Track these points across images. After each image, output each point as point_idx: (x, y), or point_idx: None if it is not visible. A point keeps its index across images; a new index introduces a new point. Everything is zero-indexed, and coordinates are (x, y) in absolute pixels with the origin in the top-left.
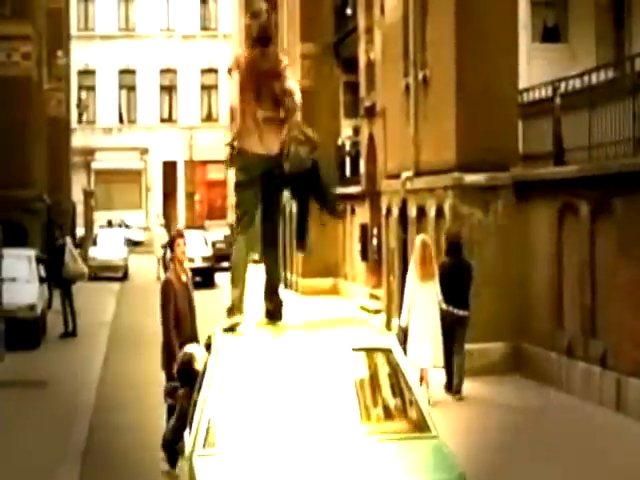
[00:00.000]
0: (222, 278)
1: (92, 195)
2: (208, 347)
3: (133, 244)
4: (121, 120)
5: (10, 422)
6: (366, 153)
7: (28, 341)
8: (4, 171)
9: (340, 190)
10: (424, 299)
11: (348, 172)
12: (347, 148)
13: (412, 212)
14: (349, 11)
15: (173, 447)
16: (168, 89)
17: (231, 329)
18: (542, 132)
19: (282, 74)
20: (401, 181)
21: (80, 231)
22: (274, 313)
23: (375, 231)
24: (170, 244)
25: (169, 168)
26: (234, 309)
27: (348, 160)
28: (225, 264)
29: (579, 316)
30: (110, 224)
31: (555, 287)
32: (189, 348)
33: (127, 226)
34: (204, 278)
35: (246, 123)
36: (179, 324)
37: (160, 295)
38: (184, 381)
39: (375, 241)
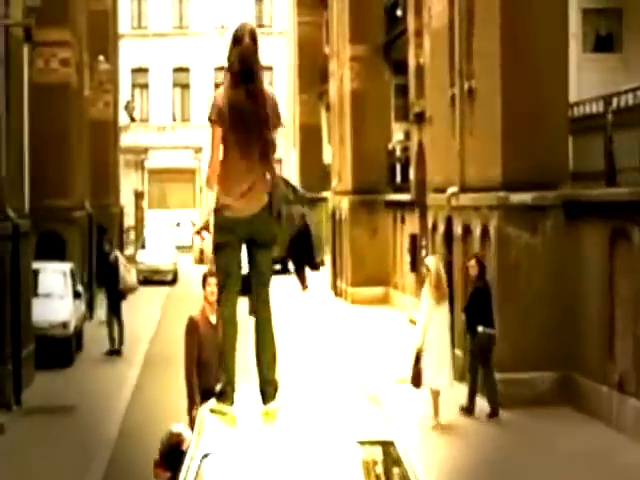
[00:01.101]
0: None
1: (142, 196)
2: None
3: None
4: (174, 118)
5: (30, 450)
6: (416, 161)
7: (60, 360)
8: (42, 180)
9: (390, 197)
10: (440, 321)
11: (398, 178)
12: (397, 153)
13: (458, 230)
14: (399, 12)
15: None
16: None
17: (219, 412)
18: (593, 149)
19: (273, 120)
20: (446, 196)
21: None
22: (268, 396)
23: (424, 242)
24: (202, 282)
25: None
26: (225, 395)
27: (398, 166)
28: (277, 267)
29: (632, 349)
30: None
31: (606, 316)
32: (176, 427)
33: (178, 225)
34: (248, 285)
35: (227, 179)
36: (202, 372)
37: (184, 336)
38: (170, 465)
39: (424, 253)
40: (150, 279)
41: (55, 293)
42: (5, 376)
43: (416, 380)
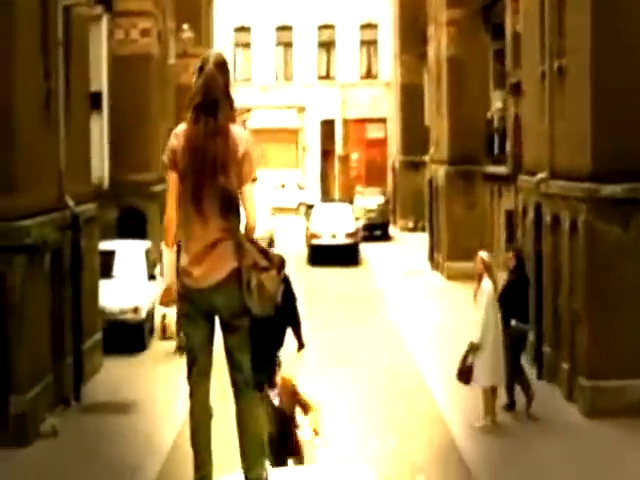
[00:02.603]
0: (371, 250)
1: None
2: None
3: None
4: (277, 78)
5: (79, 457)
6: (512, 134)
7: (131, 345)
8: (123, 154)
9: (488, 169)
10: (496, 317)
11: (496, 149)
12: (495, 123)
13: (547, 219)
14: None
15: None
16: (326, 45)
17: None
18: None
19: (238, 166)
20: (535, 181)
21: None
22: None
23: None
24: None
25: (326, 127)
26: None
27: (496, 136)
28: (377, 232)
29: None
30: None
31: None
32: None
33: (283, 186)
34: (347, 255)
35: (184, 235)
36: None
37: None
38: None
39: (520, 233)
40: None
41: (129, 275)
42: (64, 371)
43: (466, 376)
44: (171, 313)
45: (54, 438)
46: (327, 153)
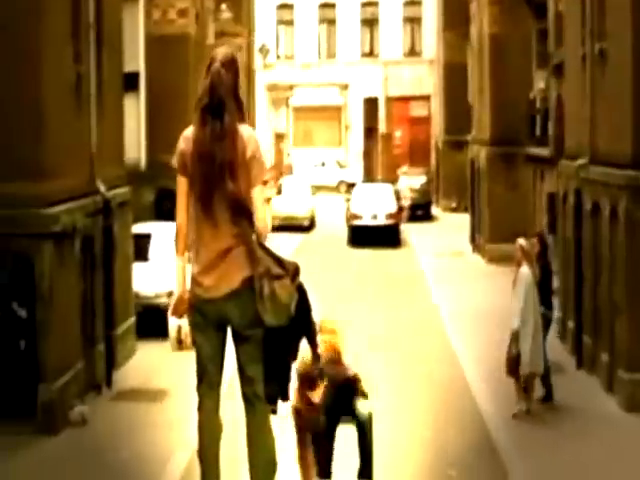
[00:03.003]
0: (412, 230)
1: (283, 138)
2: None
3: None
4: (320, 55)
5: (107, 447)
6: (555, 115)
7: (166, 330)
8: (160, 135)
9: (530, 150)
10: (535, 305)
11: (538, 130)
12: (537, 104)
13: (587, 206)
14: None
15: None
16: (369, 23)
17: None
18: None
19: (247, 170)
20: (575, 167)
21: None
22: None
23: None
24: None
25: (370, 104)
26: None
27: (538, 117)
28: (419, 212)
29: None
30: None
31: None
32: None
33: (323, 164)
34: (388, 236)
35: (195, 242)
36: None
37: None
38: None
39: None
40: (286, 225)
41: (165, 259)
42: (96, 358)
43: (512, 367)
44: (185, 327)
45: (83, 426)
46: (370, 131)
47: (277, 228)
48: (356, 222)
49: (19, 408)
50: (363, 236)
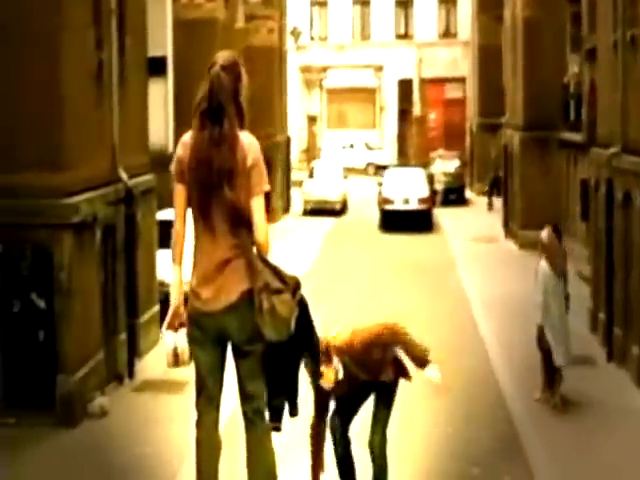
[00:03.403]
0: (446, 214)
1: (316, 120)
2: None
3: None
4: (354, 37)
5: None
6: (588, 100)
7: None
8: (187, 120)
9: (563, 135)
10: (560, 293)
11: (572, 115)
12: (571, 89)
13: (618, 196)
14: None
15: None
16: (404, 4)
17: None
18: None
19: (247, 178)
20: (607, 155)
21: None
22: None
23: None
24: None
25: (404, 86)
26: None
27: (572, 102)
28: (453, 196)
29: None
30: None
31: None
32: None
33: (352, 146)
34: (420, 221)
35: (195, 251)
36: None
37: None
38: None
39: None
40: (317, 209)
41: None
42: (118, 348)
43: (547, 360)
44: (181, 341)
45: (102, 418)
46: (404, 113)
47: (309, 212)
48: (388, 207)
49: (38, 400)
50: (395, 221)
